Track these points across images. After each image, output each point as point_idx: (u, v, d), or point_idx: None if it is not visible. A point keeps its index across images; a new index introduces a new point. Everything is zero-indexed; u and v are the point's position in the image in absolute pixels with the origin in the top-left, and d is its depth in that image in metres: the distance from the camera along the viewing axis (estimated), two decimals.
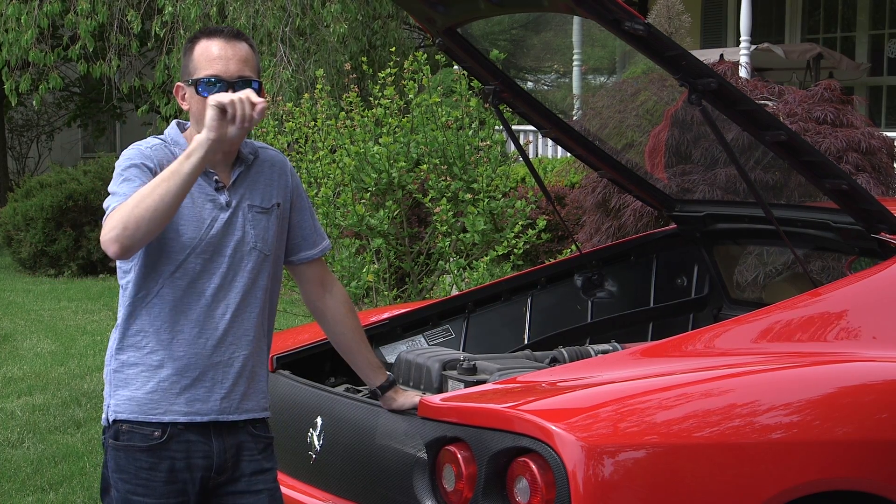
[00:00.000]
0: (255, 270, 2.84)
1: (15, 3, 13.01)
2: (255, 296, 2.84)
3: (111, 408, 2.80)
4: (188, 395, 2.77)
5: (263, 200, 2.87)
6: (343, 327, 3.11)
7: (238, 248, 2.80)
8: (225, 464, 2.82)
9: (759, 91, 7.52)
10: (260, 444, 2.89)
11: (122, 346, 2.80)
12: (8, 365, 8.09)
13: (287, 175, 2.95)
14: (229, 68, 2.77)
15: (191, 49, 2.82)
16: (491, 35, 16.25)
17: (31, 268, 13.54)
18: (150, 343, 2.77)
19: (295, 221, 2.98)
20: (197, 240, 2.76)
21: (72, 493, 5.28)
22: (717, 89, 3.41)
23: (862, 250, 4.08)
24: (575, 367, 3.42)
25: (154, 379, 2.76)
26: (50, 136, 21.88)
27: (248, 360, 2.84)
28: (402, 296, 7.81)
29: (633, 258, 4.87)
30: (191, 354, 2.77)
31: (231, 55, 2.78)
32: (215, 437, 2.81)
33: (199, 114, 2.78)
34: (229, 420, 2.82)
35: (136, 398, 2.77)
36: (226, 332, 2.79)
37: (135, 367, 2.78)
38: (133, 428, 2.77)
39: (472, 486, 2.95)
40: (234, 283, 2.80)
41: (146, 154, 2.77)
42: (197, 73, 2.79)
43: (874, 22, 14.42)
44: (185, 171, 2.58)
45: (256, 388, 2.88)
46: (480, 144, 7.59)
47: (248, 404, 2.86)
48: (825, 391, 3.18)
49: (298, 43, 12.56)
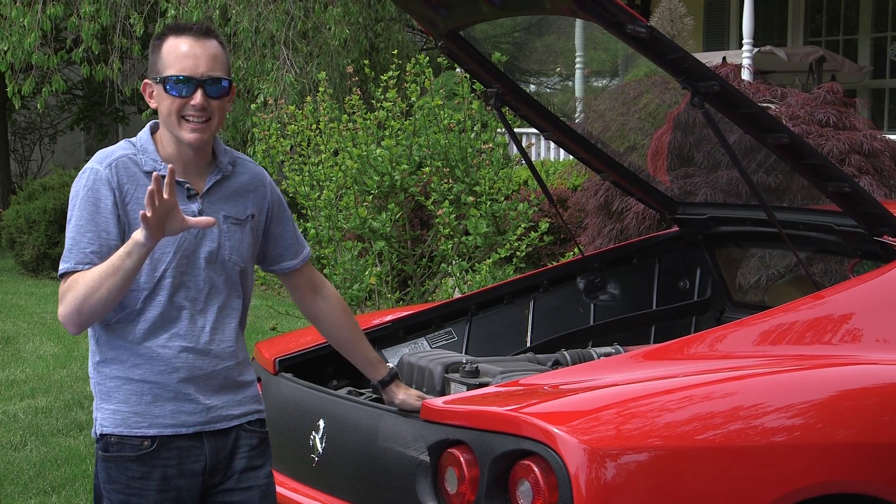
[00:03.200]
0: (230, 282, 2.82)
1: (18, 6, 13.02)
2: (232, 307, 2.83)
3: (98, 421, 2.79)
4: (172, 407, 2.75)
5: (239, 211, 2.85)
6: (339, 326, 3.11)
7: (212, 259, 2.79)
8: (217, 465, 2.81)
9: (761, 94, 7.52)
10: (253, 441, 2.87)
11: (104, 358, 2.78)
12: (10, 367, 8.10)
13: (266, 188, 2.92)
14: (199, 67, 2.73)
15: (159, 46, 2.77)
16: (493, 38, 16.25)
17: (33, 270, 13.54)
18: (131, 357, 2.75)
19: (276, 233, 2.97)
20: (171, 253, 2.74)
21: (74, 496, 5.28)
22: (720, 92, 3.41)
23: (864, 253, 4.08)
24: (577, 369, 3.42)
25: (137, 393, 2.74)
26: (53, 138, 21.89)
27: (231, 371, 2.82)
28: (405, 298, 7.81)
29: (635, 261, 4.87)
30: (172, 369, 2.74)
31: (200, 53, 2.74)
32: (207, 440, 2.79)
33: (166, 112, 2.75)
34: (217, 428, 2.80)
35: (120, 411, 2.75)
36: (207, 344, 2.78)
37: (117, 380, 2.76)
38: (122, 440, 2.75)
39: (474, 489, 2.95)
40: (212, 297, 2.79)
41: (104, 178, 2.72)
42: (165, 70, 2.74)
43: (876, 25, 14.41)
44: (126, 267, 2.60)
45: (245, 395, 2.87)
46: (483, 147, 7.59)
47: (238, 410, 2.84)
48: (828, 394, 3.17)
49: (301, 46, 12.57)
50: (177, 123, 2.74)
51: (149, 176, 2.71)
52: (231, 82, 2.80)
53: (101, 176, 2.73)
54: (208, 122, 2.75)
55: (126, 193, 2.73)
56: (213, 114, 2.75)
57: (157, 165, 2.75)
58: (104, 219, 2.70)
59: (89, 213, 2.71)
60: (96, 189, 2.72)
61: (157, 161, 2.76)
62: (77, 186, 2.76)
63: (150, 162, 2.76)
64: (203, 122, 2.74)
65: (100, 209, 2.71)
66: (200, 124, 2.74)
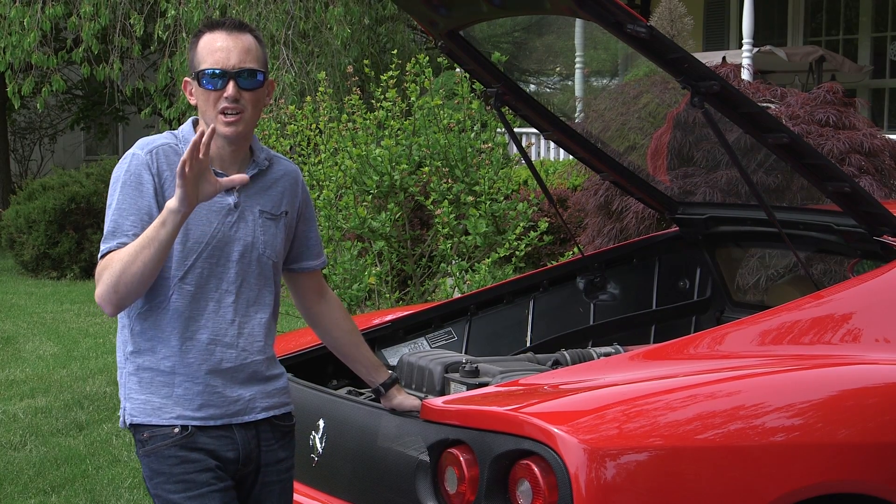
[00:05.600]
0: (263, 276, 2.83)
1: (17, 6, 13.02)
2: (263, 302, 2.84)
3: (127, 411, 2.79)
4: (200, 400, 2.75)
5: (274, 207, 2.86)
6: (342, 329, 3.11)
7: (246, 253, 2.79)
8: (249, 455, 2.81)
9: (761, 93, 7.52)
10: (278, 433, 2.88)
11: (136, 349, 2.77)
12: (10, 367, 8.10)
13: (298, 187, 2.95)
14: (230, 59, 2.75)
15: (196, 43, 2.81)
16: (493, 38, 16.26)
17: (33, 270, 13.54)
18: (162, 349, 2.75)
19: (302, 232, 2.99)
20: (203, 244, 2.75)
21: (74, 496, 5.28)
22: (720, 92, 3.41)
23: (864, 253, 4.08)
24: (577, 369, 3.42)
25: (167, 385, 2.74)
26: (52, 138, 21.89)
27: (259, 365, 2.83)
28: (405, 298, 7.81)
29: (635, 261, 4.87)
30: (201, 361, 2.75)
31: (233, 46, 2.76)
32: (237, 430, 2.79)
33: (203, 107, 2.77)
34: (244, 420, 2.81)
35: (151, 401, 2.75)
36: (236, 338, 2.78)
37: (148, 371, 2.76)
38: (154, 431, 2.75)
39: (474, 489, 2.95)
40: (242, 290, 2.79)
41: (144, 163, 2.73)
42: (200, 65, 2.77)
43: (876, 24, 14.41)
44: (160, 238, 2.59)
45: (274, 387, 2.87)
46: (482, 147, 7.60)
47: (265, 403, 2.84)
48: (828, 394, 3.17)
49: (301, 46, 12.57)
50: (214, 117, 2.75)
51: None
52: (266, 75, 2.81)
53: (142, 160, 2.74)
54: (241, 115, 2.76)
55: (165, 181, 2.73)
56: (246, 106, 2.76)
57: None
58: (146, 202, 2.71)
59: (132, 197, 2.71)
60: (138, 173, 2.73)
61: None
62: (118, 171, 2.76)
63: None
64: (236, 114, 2.75)
65: (142, 192, 2.71)
66: (234, 116, 2.75)
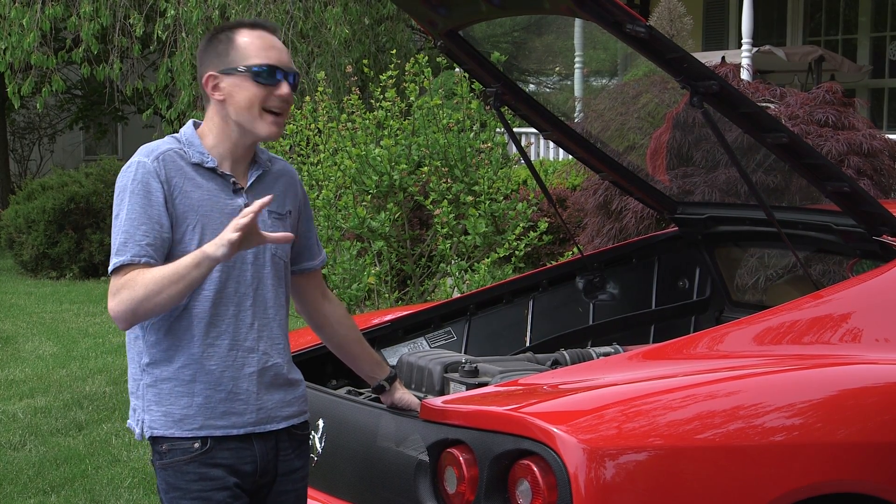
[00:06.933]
0: (276, 277, 2.81)
1: (17, 6, 13.02)
2: (278, 303, 2.81)
3: (146, 423, 2.72)
4: (223, 408, 2.70)
5: (279, 206, 2.84)
6: (347, 327, 3.10)
7: (259, 254, 2.77)
8: (267, 466, 2.78)
9: (760, 93, 7.52)
10: (295, 442, 2.86)
11: (153, 360, 2.72)
12: (10, 367, 8.10)
13: (297, 186, 2.93)
14: (283, 59, 2.73)
15: (230, 38, 2.73)
16: (492, 37, 16.26)
17: (32, 270, 13.54)
18: (181, 357, 2.69)
19: (302, 231, 2.96)
20: None
21: (73, 496, 5.28)
22: (719, 91, 3.41)
23: (864, 253, 4.08)
24: (577, 369, 3.41)
25: (188, 394, 2.69)
26: (52, 138, 21.89)
27: (281, 368, 2.80)
28: (404, 298, 7.81)
29: (634, 260, 4.87)
30: (223, 367, 2.71)
31: (280, 47, 2.75)
32: (256, 441, 2.76)
33: (246, 104, 2.70)
34: (266, 430, 2.77)
35: (171, 413, 2.69)
36: (256, 342, 2.75)
37: (168, 381, 2.70)
38: (173, 444, 2.70)
39: (473, 489, 2.95)
40: (259, 293, 2.76)
41: (152, 171, 2.67)
42: (248, 60, 2.70)
43: (875, 24, 14.41)
44: (192, 277, 2.55)
45: (294, 395, 2.85)
46: (482, 147, 7.60)
47: (287, 411, 2.81)
48: (827, 394, 3.17)
49: (301, 46, 12.57)
50: (258, 115, 2.71)
51: (195, 168, 2.70)
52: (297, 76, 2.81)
53: (149, 168, 2.67)
54: (284, 116, 2.75)
55: (174, 187, 2.68)
56: (287, 108, 2.76)
57: (203, 157, 2.72)
58: (157, 211, 2.65)
59: (141, 206, 2.65)
60: (146, 182, 2.66)
61: (203, 154, 2.73)
62: (124, 180, 2.69)
63: (197, 154, 2.73)
64: (281, 114, 2.74)
65: (152, 201, 2.65)
66: (281, 117, 2.73)
